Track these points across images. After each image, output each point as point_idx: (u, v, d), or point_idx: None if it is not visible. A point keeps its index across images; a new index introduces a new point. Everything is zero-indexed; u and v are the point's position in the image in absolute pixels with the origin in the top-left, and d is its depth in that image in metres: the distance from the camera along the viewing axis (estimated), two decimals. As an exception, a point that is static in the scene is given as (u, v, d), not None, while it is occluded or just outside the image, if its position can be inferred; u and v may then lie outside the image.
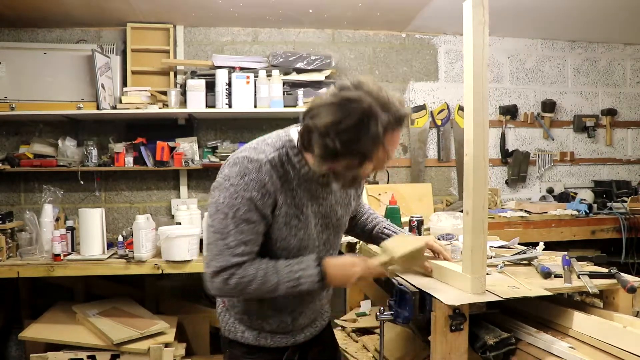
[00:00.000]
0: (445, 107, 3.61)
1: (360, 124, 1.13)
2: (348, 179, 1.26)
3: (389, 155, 1.21)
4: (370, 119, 1.13)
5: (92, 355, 2.55)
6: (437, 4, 3.02)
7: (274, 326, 1.42)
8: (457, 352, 1.43)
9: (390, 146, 1.20)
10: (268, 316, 1.40)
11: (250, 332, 1.42)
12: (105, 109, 2.93)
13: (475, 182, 1.37)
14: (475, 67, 1.33)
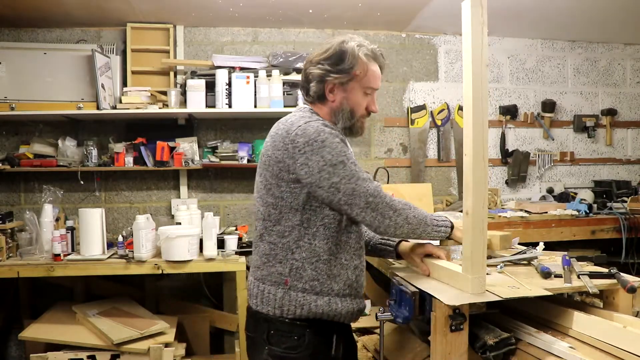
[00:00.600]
0: (445, 107, 3.61)
1: (341, 49, 1.50)
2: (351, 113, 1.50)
3: (371, 81, 1.49)
4: (347, 43, 1.50)
5: (92, 355, 2.54)
6: (437, 4, 3.02)
7: (341, 284, 1.48)
8: (457, 352, 1.43)
9: (371, 71, 1.50)
10: (335, 275, 1.48)
11: (322, 299, 1.46)
12: (105, 109, 2.93)
13: (475, 182, 1.37)
14: (474, 67, 1.33)
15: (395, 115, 3.59)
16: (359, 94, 1.51)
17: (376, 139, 3.57)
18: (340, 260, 1.49)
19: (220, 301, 3.16)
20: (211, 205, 3.36)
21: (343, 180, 1.39)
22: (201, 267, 2.70)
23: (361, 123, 1.55)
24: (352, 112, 1.51)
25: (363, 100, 1.52)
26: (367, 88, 1.51)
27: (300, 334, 1.46)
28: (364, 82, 1.50)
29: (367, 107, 1.54)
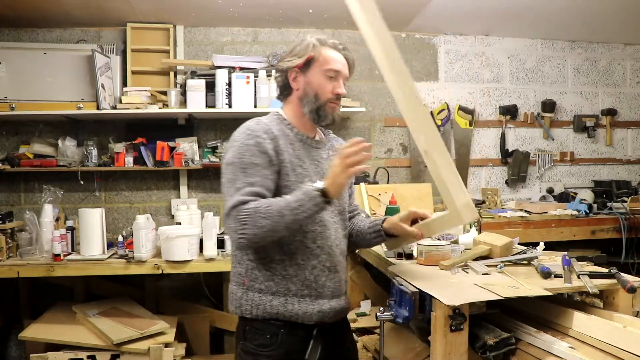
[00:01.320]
0: (445, 107, 3.60)
1: (302, 42, 1.57)
2: (315, 97, 1.52)
3: (329, 62, 1.54)
4: (307, 37, 1.58)
5: (92, 355, 2.54)
6: (437, 4, 3.02)
7: (299, 285, 1.49)
8: (457, 352, 1.43)
9: (329, 55, 1.55)
10: (291, 275, 1.48)
11: (278, 299, 1.48)
12: (105, 109, 2.93)
13: (408, 102, 1.50)
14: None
15: (395, 115, 3.59)
16: (320, 77, 1.53)
17: (376, 139, 3.57)
18: (296, 260, 1.49)
19: (220, 301, 3.16)
20: (211, 205, 3.36)
21: (225, 182, 1.42)
22: (201, 267, 2.71)
23: (330, 108, 1.54)
24: (317, 96, 1.52)
25: (327, 83, 1.53)
26: (327, 71, 1.53)
27: (273, 332, 1.48)
28: (323, 65, 1.53)
29: (333, 91, 1.54)
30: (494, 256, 1.89)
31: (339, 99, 1.56)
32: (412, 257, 1.97)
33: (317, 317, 1.51)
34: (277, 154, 1.45)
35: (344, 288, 1.63)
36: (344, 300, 1.63)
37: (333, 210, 1.56)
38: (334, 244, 1.55)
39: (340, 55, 1.58)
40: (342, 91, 1.55)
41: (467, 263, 1.81)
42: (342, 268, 1.61)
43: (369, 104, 3.52)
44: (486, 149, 3.72)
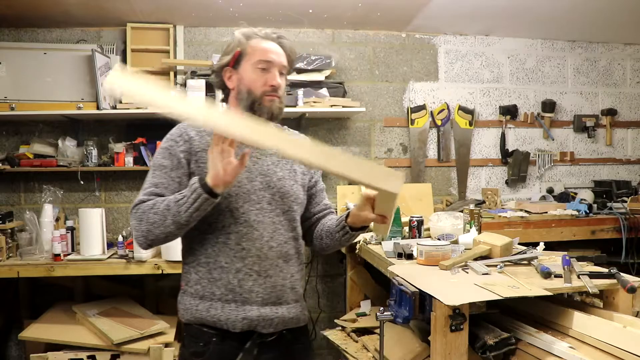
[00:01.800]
0: (445, 107, 3.60)
1: (232, 42, 1.49)
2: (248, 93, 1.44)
3: (258, 54, 1.44)
4: (235, 34, 1.48)
5: (92, 355, 2.55)
6: (437, 4, 3.02)
7: (223, 290, 1.40)
8: (457, 352, 1.43)
9: (257, 46, 1.46)
10: (216, 279, 1.41)
11: (203, 304, 1.41)
12: (105, 109, 2.93)
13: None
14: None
15: (395, 115, 3.59)
16: (251, 71, 1.45)
17: (376, 139, 3.57)
18: (220, 263, 1.41)
19: (220, 301, 3.15)
20: (211, 205, 3.36)
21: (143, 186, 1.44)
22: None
23: (267, 101, 1.44)
24: (250, 91, 1.44)
25: (259, 77, 1.44)
26: (257, 63, 1.44)
27: (206, 341, 1.42)
28: (252, 58, 1.45)
29: (267, 83, 1.44)
30: (494, 256, 1.89)
31: (275, 91, 1.46)
32: (412, 257, 1.97)
33: (242, 324, 1.40)
34: (192, 155, 1.41)
35: (286, 296, 1.46)
36: (287, 309, 1.46)
37: (272, 210, 1.44)
38: (266, 246, 1.42)
39: (273, 45, 1.48)
40: (276, 82, 1.45)
41: (467, 263, 1.81)
42: (282, 273, 1.45)
43: (369, 104, 3.52)
44: (486, 149, 3.72)
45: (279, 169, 1.49)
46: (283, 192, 1.47)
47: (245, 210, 1.41)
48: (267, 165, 1.48)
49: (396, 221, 2.33)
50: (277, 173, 1.48)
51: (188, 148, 1.43)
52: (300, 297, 1.54)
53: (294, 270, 1.50)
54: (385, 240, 2.24)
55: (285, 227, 1.47)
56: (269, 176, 1.46)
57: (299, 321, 1.51)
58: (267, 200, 1.44)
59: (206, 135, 1.44)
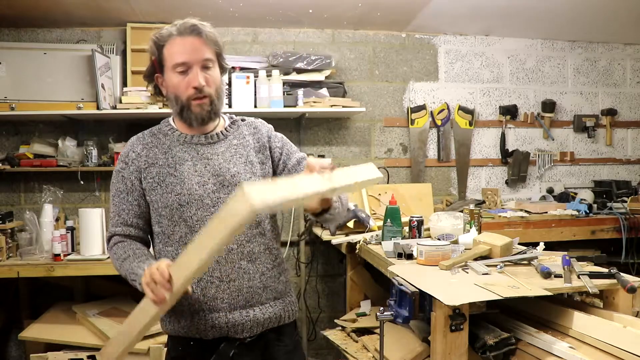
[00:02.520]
0: (445, 107, 3.61)
1: (148, 49, 1.44)
2: (175, 99, 1.41)
3: (170, 58, 1.38)
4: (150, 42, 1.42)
5: (92, 356, 2.54)
6: (437, 4, 3.02)
7: (190, 300, 1.37)
8: (457, 352, 1.43)
9: (171, 52, 1.38)
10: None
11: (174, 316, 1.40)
12: (105, 109, 2.93)
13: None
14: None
15: (395, 115, 3.59)
16: (172, 77, 1.38)
17: (376, 139, 3.57)
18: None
19: (220, 301, 3.15)
20: (211, 205, 3.36)
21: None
22: (201, 267, 2.70)
23: (195, 107, 1.38)
24: (177, 97, 1.39)
25: (181, 81, 1.37)
26: (174, 67, 1.37)
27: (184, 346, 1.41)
28: (168, 63, 1.38)
29: (190, 86, 1.37)
30: (494, 256, 1.89)
31: (201, 92, 1.37)
32: (412, 257, 1.97)
33: (212, 332, 1.37)
34: (141, 173, 1.40)
35: (258, 297, 1.40)
36: (261, 310, 1.41)
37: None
38: (225, 250, 1.36)
39: (187, 40, 1.38)
40: (197, 82, 1.35)
41: (467, 263, 1.81)
42: (247, 274, 1.39)
43: (369, 104, 3.52)
44: (486, 149, 3.72)
45: (232, 164, 1.41)
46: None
47: (199, 217, 1.36)
48: (218, 163, 1.40)
49: (396, 221, 2.33)
50: (231, 169, 1.41)
51: (137, 167, 1.42)
52: (283, 294, 1.47)
53: (265, 269, 1.42)
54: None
55: (247, 225, 1.36)
56: (222, 175, 1.39)
57: (280, 319, 1.45)
58: (223, 201, 1.36)
59: (153, 147, 1.43)
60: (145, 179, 1.40)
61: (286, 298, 1.48)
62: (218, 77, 1.42)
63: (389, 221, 2.32)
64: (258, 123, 1.54)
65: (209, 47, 1.40)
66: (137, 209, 1.41)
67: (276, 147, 1.50)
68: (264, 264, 1.42)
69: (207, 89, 1.38)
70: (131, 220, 1.41)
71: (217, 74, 1.42)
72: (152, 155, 1.42)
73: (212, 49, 1.41)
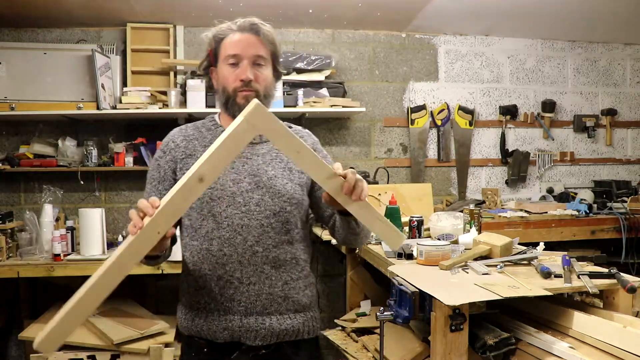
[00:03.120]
0: (445, 107, 3.61)
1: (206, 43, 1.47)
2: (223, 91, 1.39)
3: (225, 50, 1.40)
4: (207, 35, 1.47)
5: (92, 355, 2.54)
6: (437, 4, 3.02)
7: (206, 298, 1.35)
8: (457, 352, 1.43)
9: (226, 43, 1.42)
10: (200, 287, 1.36)
11: (190, 313, 1.38)
12: (105, 109, 2.93)
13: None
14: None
15: (395, 115, 3.59)
16: (223, 69, 1.39)
17: (376, 139, 3.57)
18: (204, 270, 1.35)
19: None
20: (211, 205, 3.36)
21: None
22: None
23: (241, 98, 1.35)
24: (224, 88, 1.38)
25: (230, 73, 1.37)
26: (226, 58, 1.38)
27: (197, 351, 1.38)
28: (222, 55, 1.40)
29: (237, 78, 1.36)
30: (494, 256, 1.89)
31: (248, 85, 1.35)
32: (412, 257, 1.97)
33: (224, 335, 1.33)
34: (177, 164, 1.39)
35: (277, 305, 1.36)
36: (278, 320, 1.36)
37: (260, 212, 1.34)
38: (249, 251, 1.33)
39: (241, 35, 1.41)
40: (245, 76, 1.35)
41: (467, 263, 1.81)
42: (269, 280, 1.35)
43: (369, 104, 3.52)
44: (486, 149, 3.72)
45: (270, 167, 1.39)
46: (274, 191, 1.36)
47: (228, 214, 1.33)
48: (257, 164, 1.39)
49: (396, 221, 2.33)
50: (268, 172, 1.38)
51: (173, 157, 1.41)
52: (305, 308, 1.42)
53: (289, 278, 1.37)
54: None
55: (276, 230, 1.35)
56: (259, 176, 1.37)
57: (298, 333, 1.39)
58: (256, 202, 1.34)
59: (194, 140, 1.42)
60: (181, 170, 1.38)
61: (308, 313, 1.44)
62: (269, 77, 1.41)
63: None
64: (304, 133, 1.52)
65: (263, 46, 1.42)
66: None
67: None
68: (288, 272, 1.38)
69: (255, 84, 1.36)
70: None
71: (268, 73, 1.41)
72: (191, 147, 1.41)
73: (268, 48, 1.42)
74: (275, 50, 1.45)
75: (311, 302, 1.45)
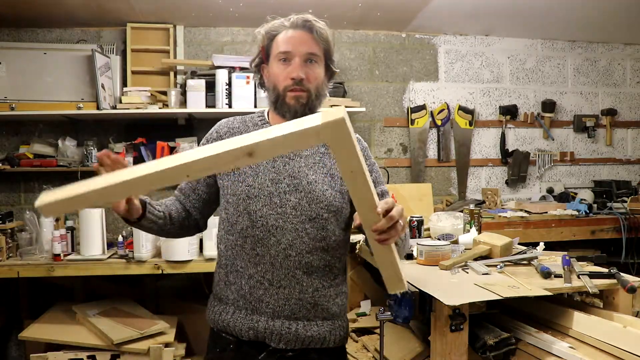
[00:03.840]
0: (445, 107, 3.60)
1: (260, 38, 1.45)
2: (274, 88, 1.36)
3: (278, 47, 1.38)
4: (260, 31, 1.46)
5: (92, 355, 2.54)
6: (437, 4, 3.02)
7: (236, 294, 1.35)
8: (457, 352, 1.43)
9: (279, 40, 1.40)
10: (231, 282, 1.36)
11: (219, 306, 1.38)
12: (105, 109, 2.93)
13: None
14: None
15: (395, 115, 3.59)
16: (275, 65, 1.36)
17: (376, 139, 3.57)
18: (236, 266, 1.35)
19: (220, 301, 3.15)
20: (211, 205, 3.36)
21: None
22: (201, 267, 2.71)
23: (291, 97, 1.33)
24: (274, 87, 1.35)
25: (281, 70, 1.34)
26: (278, 55, 1.36)
27: (223, 347, 1.37)
28: (274, 52, 1.38)
29: (288, 76, 1.33)
30: (494, 256, 1.89)
31: (299, 84, 1.32)
32: (412, 257, 1.97)
33: (249, 334, 1.32)
34: None
35: (305, 311, 1.33)
36: (305, 326, 1.33)
37: (296, 215, 1.30)
38: (282, 254, 1.30)
39: (296, 32, 1.39)
40: (296, 74, 1.31)
41: (467, 263, 1.81)
42: (300, 285, 1.32)
43: (369, 104, 3.52)
44: (486, 149, 3.72)
45: (312, 171, 1.34)
46: (312, 197, 1.31)
47: (263, 214, 1.30)
48: (299, 167, 1.34)
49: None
50: (309, 176, 1.33)
51: (224, 137, 1.39)
52: (335, 316, 1.38)
53: (321, 285, 1.34)
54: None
55: (310, 235, 1.31)
56: (299, 179, 1.32)
57: (324, 341, 1.35)
58: (292, 205, 1.30)
59: (238, 133, 1.36)
60: None
61: (337, 321, 1.39)
62: (321, 76, 1.38)
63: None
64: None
65: (316, 44, 1.38)
66: (194, 183, 1.41)
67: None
68: (320, 279, 1.34)
69: (307, 83, 1.33)
70: (187, 192, 1.43)
71: (320, 72, 1.38)
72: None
73: (320, 46, 1.39)
74: (329, 48, 1.42)
75: (341, 310, 1.41)
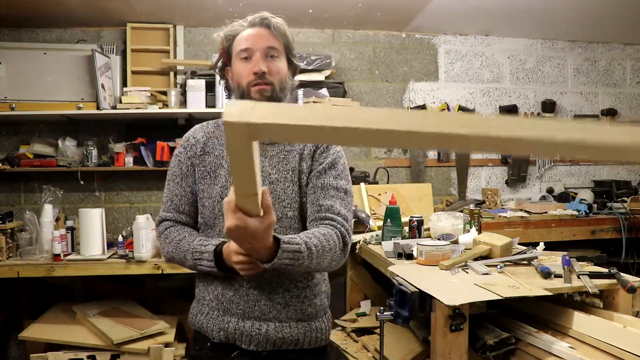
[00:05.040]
0: (445, 107, 3.60)
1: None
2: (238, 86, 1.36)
3: (237, 45, 1.38)
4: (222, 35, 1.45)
5: (92, 355, 2.54)
6: (437, 4, 3.02)
7: (211, 296, 1.36)
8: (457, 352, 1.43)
9: (237, 40, 1.39)
10: (207, 284, 1.38)
11: (197, 308, 1.40)
12: (105, 109, 2.93)
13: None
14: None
15: (395, 115, 3.58)
16: (237, 65, 1.36)
17: (376, 139, 3.57)
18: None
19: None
20: (211, 205, 3.36)
21: None
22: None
23: (255, 92, 1.32)
24: (239, 84, 1.35)
25: (244, 68, 1.34)
26: (239, 53, 1.36)
27: (201, 345, 1.39)
28: (235, 51, 1.38)
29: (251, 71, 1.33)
30: (494, 256, 1.89)
31: (262, 78, 1.32)
32: (412, 257, 1.97)
33: (220, 335, 1.32)
34: (196, 159, 1.39)
35: (276, 312, 1.30)
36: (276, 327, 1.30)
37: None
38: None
39: (252, 30, 1.38)
40: (258, 68, 1.31)
41: (467, 263, 1.81)
42: (268, 286, 1.30)
43: (369, 104, 3.52)
44: (486, 149, 3.71)
45: (275, 170, 1.34)
46: (275, 196, 1.32)
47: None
48: (263, 166, 1.33)
49: (396, 221, 2.33)
50: (271, 176, 1.33)
51: (194, 153, 1.40)
52: (310, 317, 1.35)
53: (293, 286, 1.32)
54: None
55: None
56: (262, 179, 1.31)
57: (297, 343, 1.32)
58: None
59: (213, 137, 1.41)
60: (198, 166, 1.39)
61: (313, 323, 1.36)
62: (283, 69, 1.38)
63: (389, 221, 2.32)
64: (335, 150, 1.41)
65: (275, 38, 1.39)
66: (189, 195, 1.40)
67: (320, 161, 1.37)
68: (291, 280, 1.32)
69: (269, 77, 1.34)
70: (183, 207, 1.40)
71: (282, 65, 1.38)
72: (210, 144, 1.40)
73: (280, 40, 1.40)
74: (288, 42, 1.42)
75: (318, 312, 1.37)
